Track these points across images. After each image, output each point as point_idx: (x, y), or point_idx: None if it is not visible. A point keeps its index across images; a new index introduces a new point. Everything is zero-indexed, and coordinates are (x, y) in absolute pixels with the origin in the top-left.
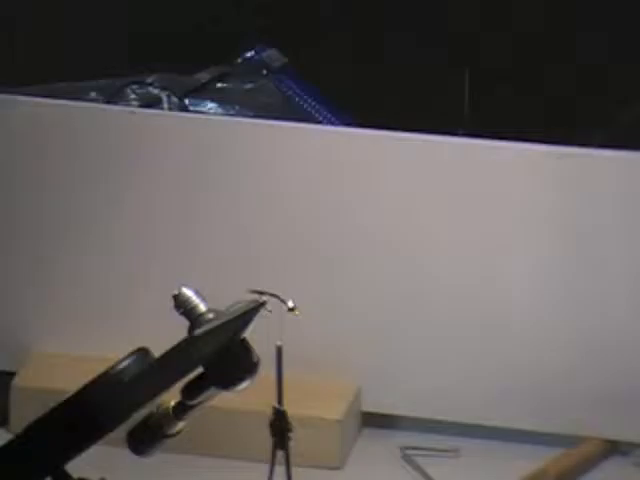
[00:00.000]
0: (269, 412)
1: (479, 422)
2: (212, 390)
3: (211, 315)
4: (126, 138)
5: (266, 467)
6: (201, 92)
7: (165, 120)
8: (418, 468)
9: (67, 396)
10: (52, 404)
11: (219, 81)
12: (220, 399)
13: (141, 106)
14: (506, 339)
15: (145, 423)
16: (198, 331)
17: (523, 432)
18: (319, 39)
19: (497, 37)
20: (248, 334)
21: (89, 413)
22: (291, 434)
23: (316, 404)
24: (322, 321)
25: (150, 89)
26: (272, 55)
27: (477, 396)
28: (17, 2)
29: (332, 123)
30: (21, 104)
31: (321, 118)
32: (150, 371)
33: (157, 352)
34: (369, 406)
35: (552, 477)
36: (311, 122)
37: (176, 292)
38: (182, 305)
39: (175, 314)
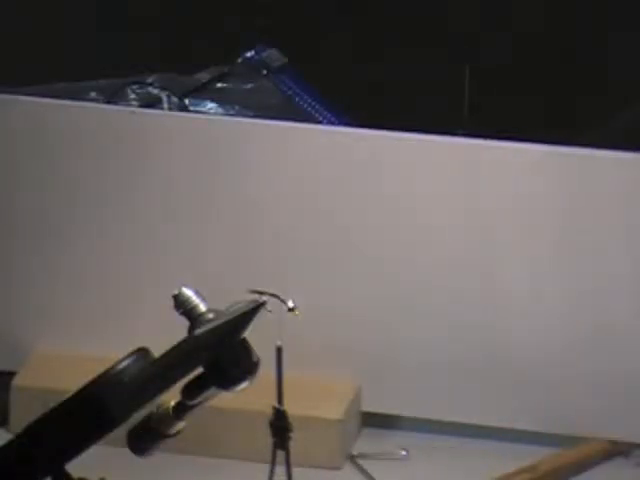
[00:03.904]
0: (269, 412)
1: (479, 422)
2: (212, 390)
3: (211, 315)
4: (126, 138)
5: (266, 467)
6: (201, 92)
7: (165, 120)
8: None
9: (67, 396)
10: (52, 404)
11: (219, 81)
12: (220, 399)
13: (141, 106)
14: (506, 339)
15: (145, 423)
16: (198, 331)
17: (523, 432)
18: (319, 39)
19: (497, 37)
20: (248, 334)
21: (89, 413)
22: (291, 434)
23: (316, 404)
24: (322, 321)
25: (150, 89)
26: (272, 55)
27: (477, 396)
28: (17, 2)
29: (332, 123)
30: (21, 104)
31: (321, 118)
32: (150, 371)
33: (157, 352)
34: (369, 406)
35: (541, 472)
36: (311, 122)
37: (176, 292)
38: (182, 305)
39: (175, 314)
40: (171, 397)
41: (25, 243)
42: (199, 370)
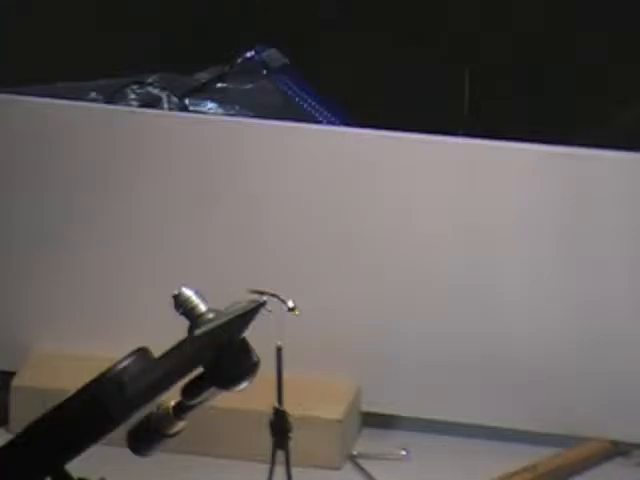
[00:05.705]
0: (269, 412)
1: (479, 422)
2: (212, 390)
3: (211, 315)
4: (126, 138)
5: (266, 467)
6: (201, 92)
7: (165, 120)
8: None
9: (67, 396)
10: (52, 404)
11: (219, 81)
12: (220, 399)
13: (141, 106)
14: (506, 339)
15: (145, 423)
16: (198, 331)
17: (523, 432)
18: (319, 39)
19: (497, 37)
20: (248, 334)
21: (89, 413)
22: (291, 434)
23: (316, 404)
24: (322, 321)
25: (150, 89)
26: (272, 55)
27: (477, 396)
28: (17, 2)
29: (332, 123)
30: (21, 104)
31: (321, 118)
32: (150, 371)
33: (157, 352)
34: (369, 406)
35: (541, 472)
36: (311, 122)
37: (176, 292)
38: (182, 305)
39: (175, 314)
40: (171, 397)
41: (25, 243)
42: (199, 370)
